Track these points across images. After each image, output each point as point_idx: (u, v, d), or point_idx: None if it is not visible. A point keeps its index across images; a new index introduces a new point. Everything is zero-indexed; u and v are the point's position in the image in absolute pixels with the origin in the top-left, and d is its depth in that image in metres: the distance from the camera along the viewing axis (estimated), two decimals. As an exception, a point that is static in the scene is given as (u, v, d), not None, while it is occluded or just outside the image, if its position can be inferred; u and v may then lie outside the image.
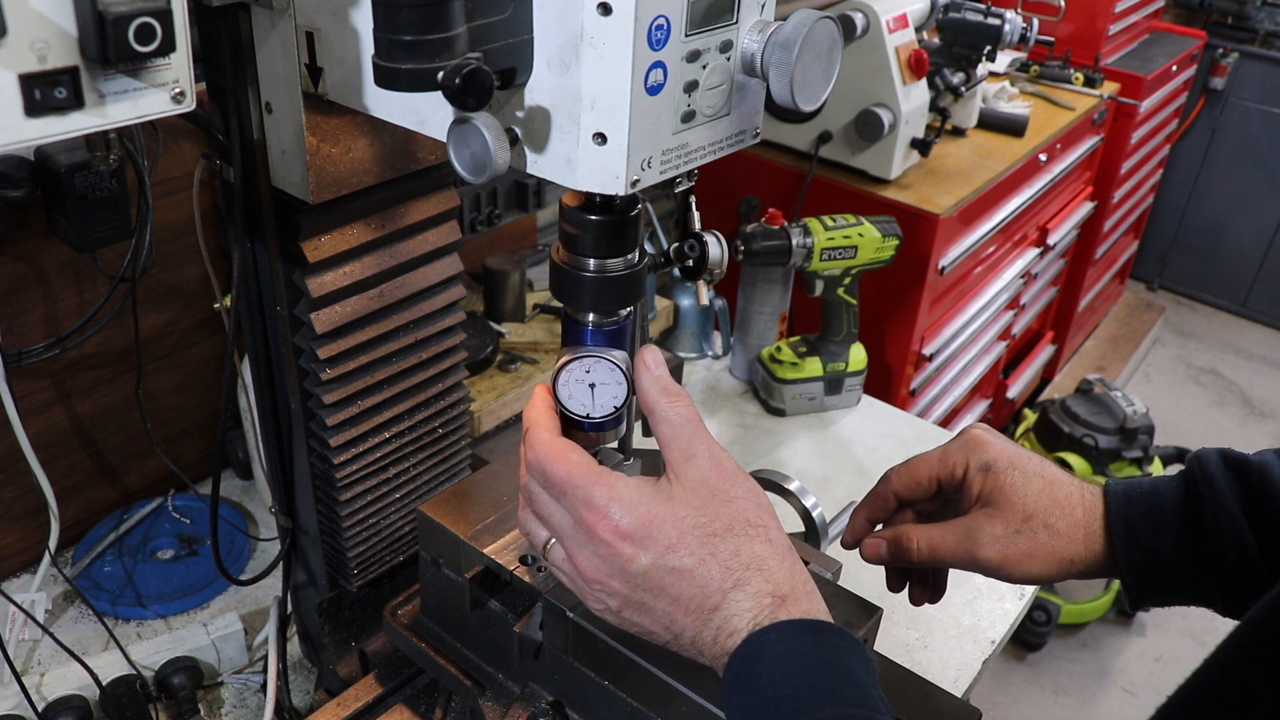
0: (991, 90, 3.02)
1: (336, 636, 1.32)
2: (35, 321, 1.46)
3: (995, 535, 0.90)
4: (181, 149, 1.50)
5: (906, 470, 0.98)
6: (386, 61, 0.69)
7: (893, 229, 1.93)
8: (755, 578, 0.74)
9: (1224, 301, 5.22)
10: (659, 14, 0.68)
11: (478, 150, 0.71)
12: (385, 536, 1.27)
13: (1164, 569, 0.89)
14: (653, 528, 0.74)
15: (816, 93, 0.76)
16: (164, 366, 1.67)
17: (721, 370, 2.14)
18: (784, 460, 1.87)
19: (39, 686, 1.32)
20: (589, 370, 0.84)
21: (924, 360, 2.75)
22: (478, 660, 1.10)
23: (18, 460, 1.39)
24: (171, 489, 1.75)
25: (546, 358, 1.90)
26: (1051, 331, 4.10)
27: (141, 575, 1.60)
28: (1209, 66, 4.67)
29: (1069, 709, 3.14)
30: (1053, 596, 3.25)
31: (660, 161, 0.74)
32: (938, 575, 1.02)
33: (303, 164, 0.97)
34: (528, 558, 1.02)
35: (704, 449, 0.78)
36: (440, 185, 1.13)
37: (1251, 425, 4.47)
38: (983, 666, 1.46)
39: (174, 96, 0.77)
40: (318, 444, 1.15)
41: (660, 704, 0.92)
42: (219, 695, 1.44)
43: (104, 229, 1.26)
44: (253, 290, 1.11)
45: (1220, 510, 0.86)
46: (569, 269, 0.82)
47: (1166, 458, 3.33)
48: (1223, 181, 4.92)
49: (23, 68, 0.68)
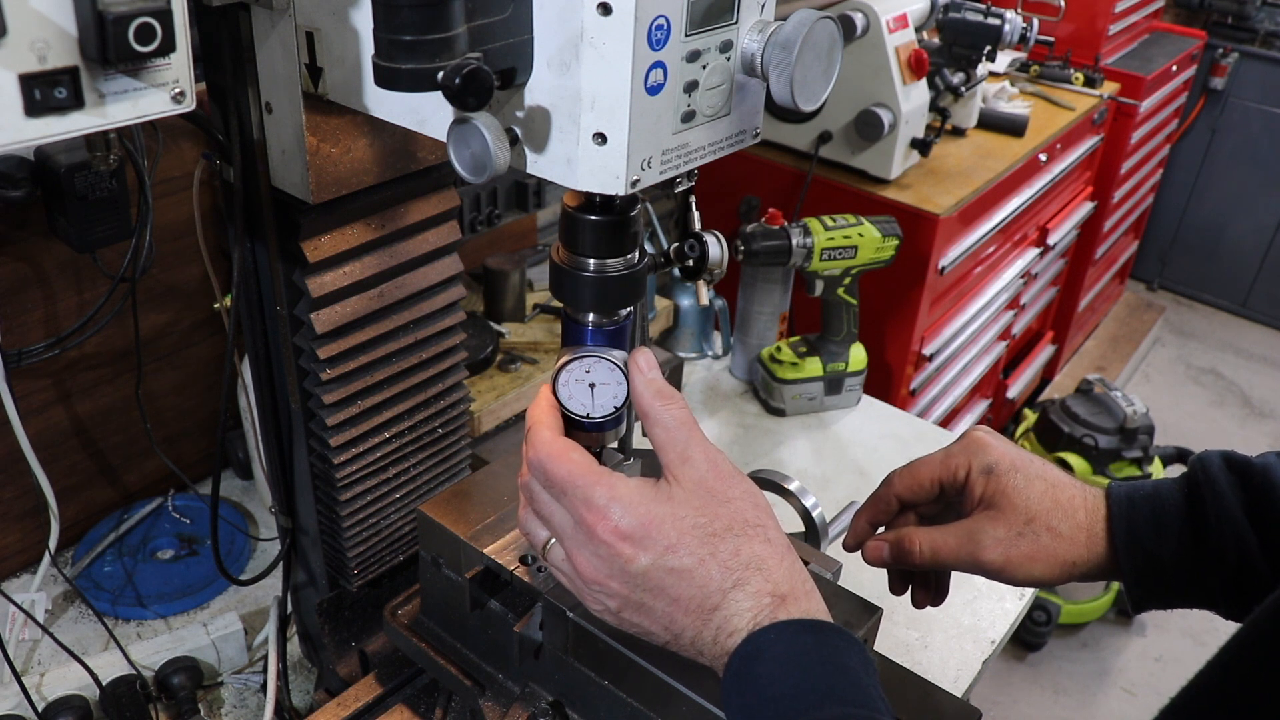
0: (991, 90, 3.02)
1: (336, 636, 1.32)
2: (35, 321, 1.46)
3: (997, 537, 0.90)
4: (181, 149, 1.50)
5: (908, 473, 0.98)
6: (386, 61, 0.69)
7: (893, 229, 1.93)
8: (755, 577, 0.74)
9: (1224, 301, 5.22)
10: (659, 14, 0.68)
11: (478, 150, 0.71)
12: (385, 536, 1.27)
13: (1166, 571, 0.88)
14: (652, 528, 0.74)
15: (816, 93, 0.76)
16: (164, 366, 1.67)
17: (721, 370, 2.14)
18: (784, 460, 1.87)
19: (39, 686, 1.32)
20: (589, 370, 0.84)
21: (924, 360, 2.75)
22: (478, 660, 1.10)
23: (18, 460, 1.39)
24: (171, 489, 1.75)
25: (546, 358, 1.90)
26: (1051, 331, 4.10)
27: (141, 575, 1.60)
28: (1209, 66, 4.67)
29: (1069, 709, 3.14)
30: (1053, 596, 3.25)
31: (660, 161, 0.74)
32: (940, 578, 1.02)
33: (303, 164, 0.97)
34: (528, 558, 1.02)
35: (700, 451, 0.78)
36: (440, 185, 1.13)
37: (1251, 425, 4.47)
38: (983, 666, 1.46)
39: (174, 96, 0.77)
40: (318, 444, 1.15)
41: (660, 704, 0.92)
42: (219, 695, 1.44)
43: (104, 229, 1.26)
44: (253, 290, 1.11)
45: (1222, 513, 0.86)
46: (569, 269, 0.82)
47: (1166, 458, 3.33)
48: (1223, 181, 4.92)
49: (23, 68, 0.68)
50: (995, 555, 0.90)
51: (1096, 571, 0.91)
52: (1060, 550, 0.90)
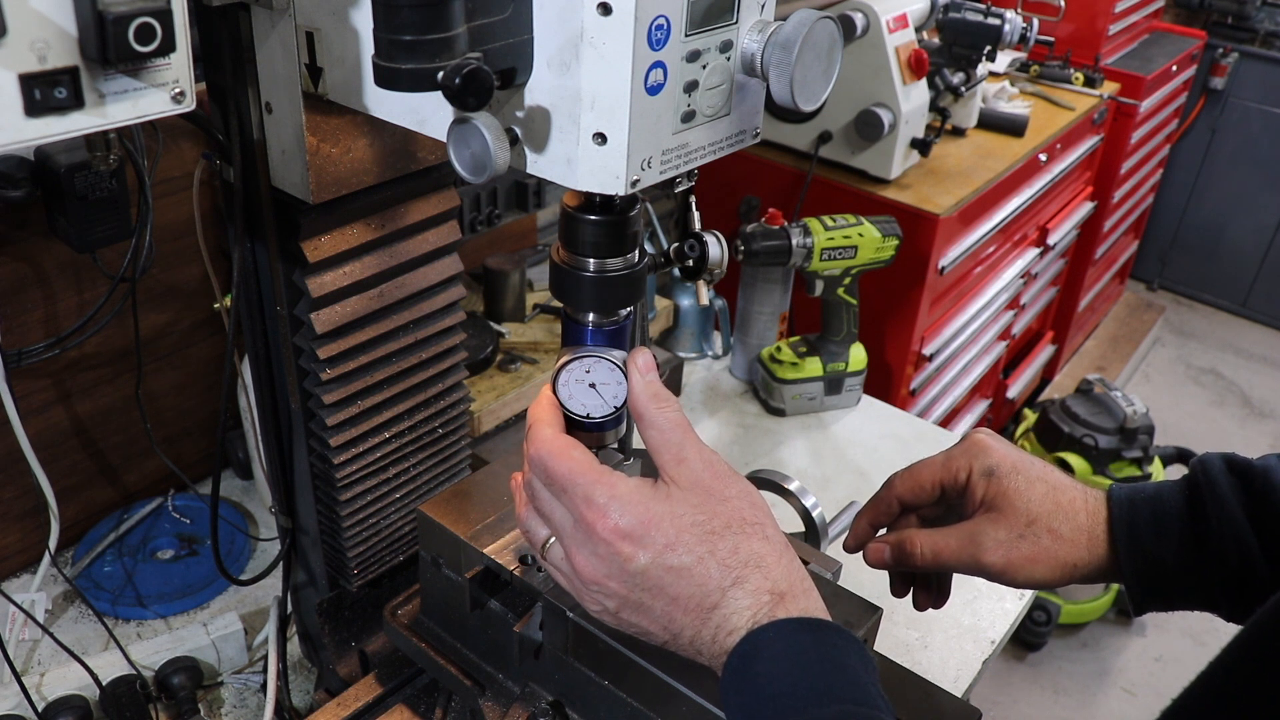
0: (991, 90, 3.02)
1: (336, 636, 1.32)
2: (35, 321, 1.46)
3: (999, 540, 0.90)
4: (181, 149, 1.50)
5: (910, 475, 0.98)
6: (386, 61, 0.69)
7: (893, 229, 1.93)
8: (754, 575, 0.74)
9: (1224, 301, 5.22)
10: (659, 14, 0.68)
11: (478, 150, 0.71)
12: (385, 536, 1.27)
13: (1167, 573, 0.89)
14: (651, 526, 0.74)
15: (816, 93, 0.76)
16: (164, 366, 1.67)
17: (721, 370, 2.14)
18: (784, 460, 1.87)
19: (39, 686, 1.32)
20: (589, 370, 0.84)
21: (924, 360, 2.75)
22: (478, 660, 1.10)
23: (18, 460, 1.39)
24: (171, 489, 1.75)
25: (546, 358, 1.90)
26: (1051, 331, 4.10)
27: (141, 575, 1.60)
28: (1209, 66, 4.67)
29: (1069, 709, 3.14)
30: (1053, 597, 3.25)
31: (660, 161, 0.74)
32: (941, 580, 1.02)
33: (303, 164, 0.97)
34: (527, 557, 1.02)
35: (695, 452, 0.78)
36: (440, 185, 1.13)
37: (1251, 425, 4.47)
38: (983, 666, 1.46)
39: (174, 96, 0.77)
40: (318, 444, 1.15)
41: (660, 704, 0.92)
42: (219, 695, 1.44)
43: (104, 229, 1.26)
44: (253, 290, 1.11)
45: (1223, 515, 0.86)
46: (569, 269, 0.82)
47: (1166, 458, 3.33)
48: (1223, 181, 4.92)
49: (23, 68, 0.68)
50: (997, 557, 0.90)
51: (1098, 573, 0.91)
52: (1061, 552, 0.90)
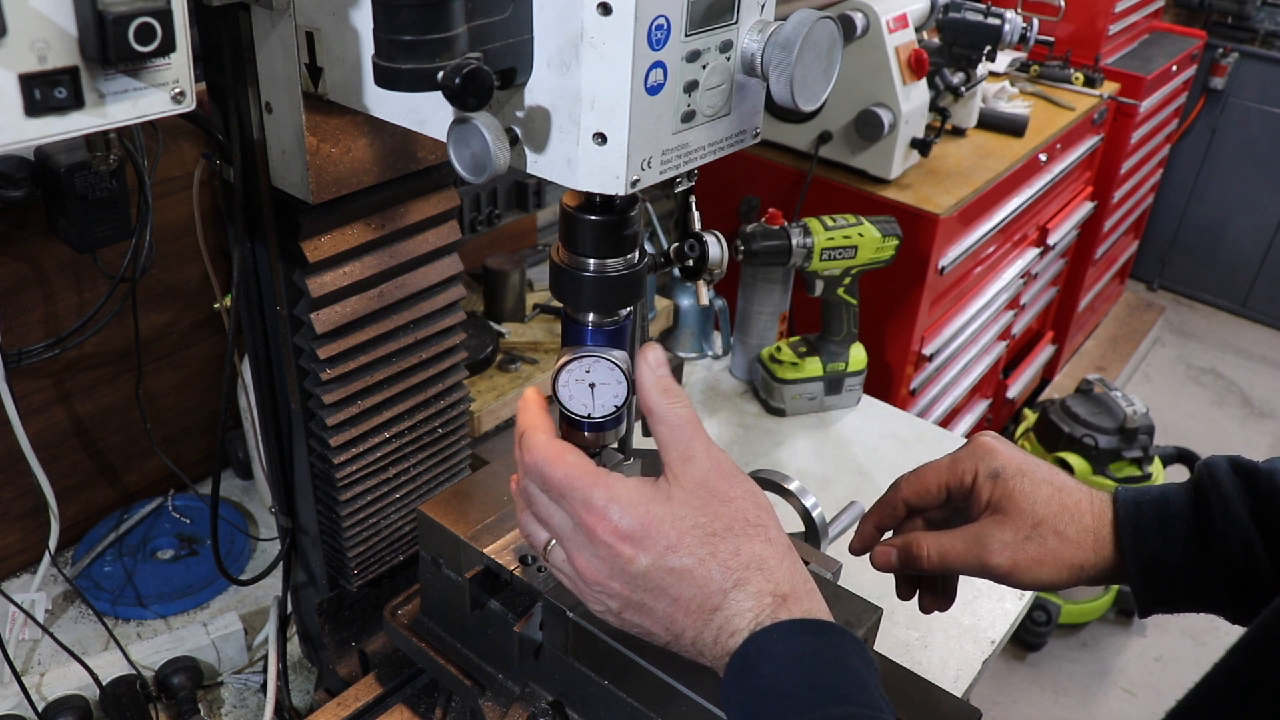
0: (991, 90, 3.02)
1: (336, 636, 1.32)
2: (35, 321, 1.46)
3: (1005, 541, 0.90)
4: (181, 149, 1.50)
5: (916, 478, 0.98)
6: (386, 61, 0.69)
7: (893, 229, 1.93)
8: (756, 577, 0.74)
9: (1224, 301, 5.22)
10: (659, 14, 0.68)
11: (478, 150, 0.71)
12: (385, 536, 1.27)
13: (1172, 575, 0.88)
14: (652, 528, 0.74)
15: (816, 93, 0.76)
16: (164, 366, 1.67)
17: (721, 370, 2.14)
18: (784, 460, 1.87)
19: (39, 686, 1.32)
20: (589, 370, 0.84)
21: (924, 360, 2.75)
22: (478, 660, 1.10)
23: (18, 460, 1.39)
24: (171, 489, 1.75)
25: (546, 358, 1.90)
26: (1051, 331, 4.10)
27: (141, 575, 1.60)
28: (1209, 66, 4.67)
29: (1069, 709, 3.14)
30: (1053, 597, 3.24)
31: (660, 161, 0.74)
32: (947, 582, 1.02)
33: (303, 164, 0.97)
34: (527, 557, 1.02)
35: (702, 450, 0.78)
36: (440, 185, 1.13)
37: (1251, 425, 4.47)
38: (983, 666, 1.46)
39: (174, 96, 0.77)
40: (318, 444, 1.15)
41: (660, 704, 0.92)
42: (219, 695, 1.44)
43: (104, 229, 1.26)
44: (253, 290, 1.11)
45: (1229, 517, 0.86)
46: (569, 269, 0.82)
47: (1166, 458, 3.32)
48: (1223, 181, 4.92)
49: (23, 68, 0.68)
50: (1003, 559, 0.90)
51: (1103, 575, 0.91)
52: (1067, 554, 0.90)
